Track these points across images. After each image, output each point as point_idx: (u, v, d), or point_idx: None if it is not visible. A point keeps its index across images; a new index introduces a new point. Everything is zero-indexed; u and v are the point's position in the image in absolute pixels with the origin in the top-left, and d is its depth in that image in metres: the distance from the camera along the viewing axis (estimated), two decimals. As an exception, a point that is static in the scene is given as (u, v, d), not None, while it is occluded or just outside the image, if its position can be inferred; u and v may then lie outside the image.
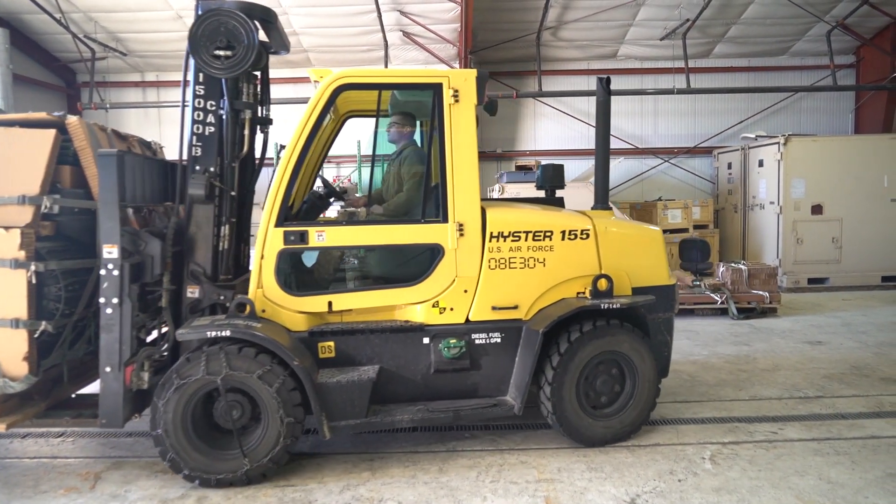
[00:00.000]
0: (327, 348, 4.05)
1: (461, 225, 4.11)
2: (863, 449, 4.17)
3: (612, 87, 4.69)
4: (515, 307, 4.21)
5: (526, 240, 4.20)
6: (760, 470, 3.89)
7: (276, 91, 5.41)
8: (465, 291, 4.16)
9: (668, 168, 13.49)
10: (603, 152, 4.68)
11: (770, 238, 11.29)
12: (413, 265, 4.28)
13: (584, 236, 4.30)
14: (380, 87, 4.37)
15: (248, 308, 3.90)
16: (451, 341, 4.10)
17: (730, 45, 12.79)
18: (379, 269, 4.51)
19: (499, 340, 4.19)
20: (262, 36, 4.18)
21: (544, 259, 4.23)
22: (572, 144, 13.28)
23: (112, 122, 11.45)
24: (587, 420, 4.19)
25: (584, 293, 4.29)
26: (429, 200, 4.27)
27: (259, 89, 4.40)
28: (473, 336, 4.16)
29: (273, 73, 4.63)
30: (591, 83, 12.90)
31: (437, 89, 4.12)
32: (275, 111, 4.75)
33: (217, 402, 3.79)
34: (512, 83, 12.86)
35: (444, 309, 4.14)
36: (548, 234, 4.23)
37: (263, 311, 3.99)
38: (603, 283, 4.23)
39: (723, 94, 12.95)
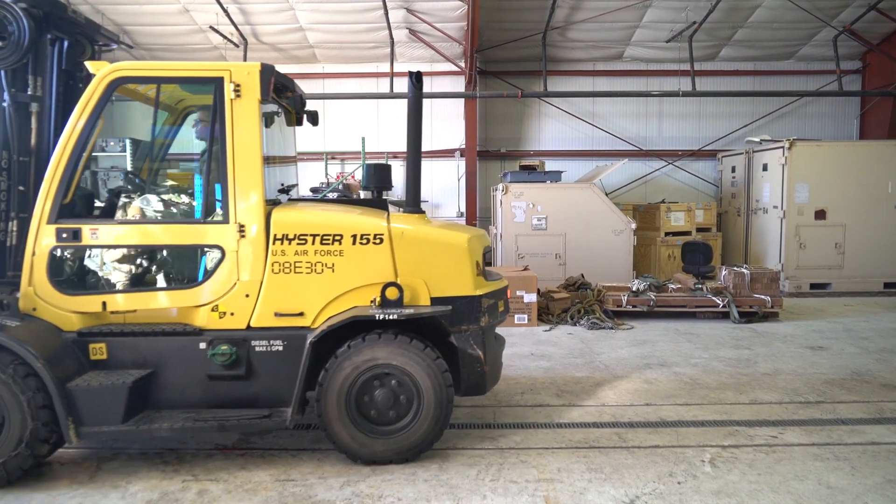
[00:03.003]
0: (98, 350, 3.92)
1: (242, 226, 3.94)
2: (863, 455, 4.17)
3: (618, 88, 4.64)
4: (301, 314, 4.01)
5: (313, 243, 4.00)
6: (760, 474, 3.90)
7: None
8: (247, 296, 3.98)
9: (672, 170, 13.49)
10: (414, 152, 4.36)
11: (773, 242, 11.29)
12: (195, 267, 4.14)
13: (378, 241, 4.05)
14: (157, 80, 4.25)
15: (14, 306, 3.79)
16: (222, 347, 3.91)
17: (736, 48, 12.79)
18: (159, 270, 4.31)
19: (281, 349, 3.98)
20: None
21: (333, 264, 4.01)
22: (577, 145, 13.29)
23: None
24: (359, 435, 3.95)
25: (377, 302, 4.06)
26: (212, 200, 4.09)
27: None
28: (253, 343, 3.96)
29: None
30: (596, 84, 12.95)
31: (217, 84, 3.96)
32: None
33: None
34: (517, 83, 12.86)
35: (224, 313, 3.97)
36: (337, 237, 4.02)
37: (34, 309, 3.88)
38: (392, 292, 3.99)
39: (728, 97, 12.96)
